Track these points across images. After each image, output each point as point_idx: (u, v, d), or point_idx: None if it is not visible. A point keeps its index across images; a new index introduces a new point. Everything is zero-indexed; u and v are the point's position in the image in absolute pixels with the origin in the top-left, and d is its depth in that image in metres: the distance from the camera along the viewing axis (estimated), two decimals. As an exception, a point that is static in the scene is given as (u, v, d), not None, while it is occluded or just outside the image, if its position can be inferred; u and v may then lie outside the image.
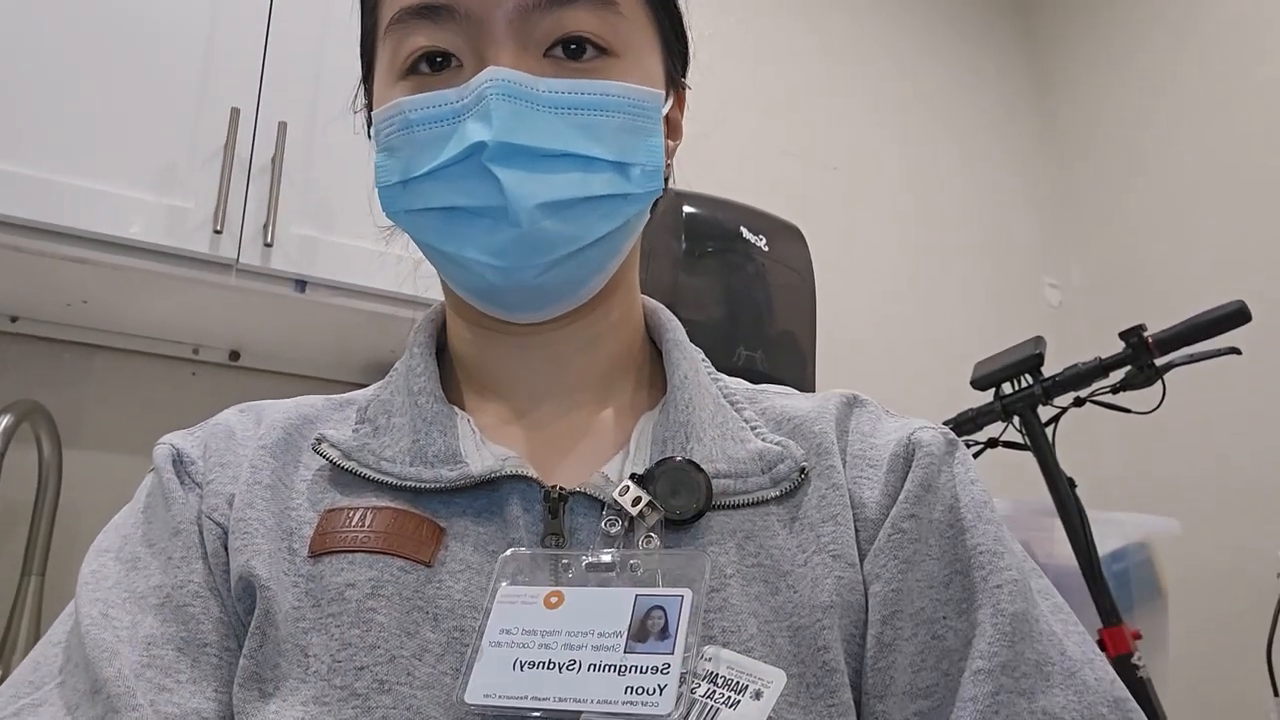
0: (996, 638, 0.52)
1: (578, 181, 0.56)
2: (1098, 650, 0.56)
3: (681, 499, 0.55)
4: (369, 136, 0.65)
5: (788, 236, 1.68)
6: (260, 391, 1.72)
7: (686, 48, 0.68)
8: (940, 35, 2.84)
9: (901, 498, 0.58)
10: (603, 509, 0.55)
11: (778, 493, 0.58)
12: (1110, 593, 1.51)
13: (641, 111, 0.59)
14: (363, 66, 0.67)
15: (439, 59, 0.58)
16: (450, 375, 0.67)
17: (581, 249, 0.57)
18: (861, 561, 0.57)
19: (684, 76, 0.68)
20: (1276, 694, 1.65)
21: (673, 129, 0.66)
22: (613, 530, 0.54)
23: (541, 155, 0.55)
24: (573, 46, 0.58)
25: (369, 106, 0.66)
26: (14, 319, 1.55)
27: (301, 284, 1.42)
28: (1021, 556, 0.58)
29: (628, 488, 0.55)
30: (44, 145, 1.28)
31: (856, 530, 0.58)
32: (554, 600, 0.51)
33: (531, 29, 0.57)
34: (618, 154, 0.57)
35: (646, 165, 0.59)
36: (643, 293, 0.71)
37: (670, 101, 0.64)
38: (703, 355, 0.68)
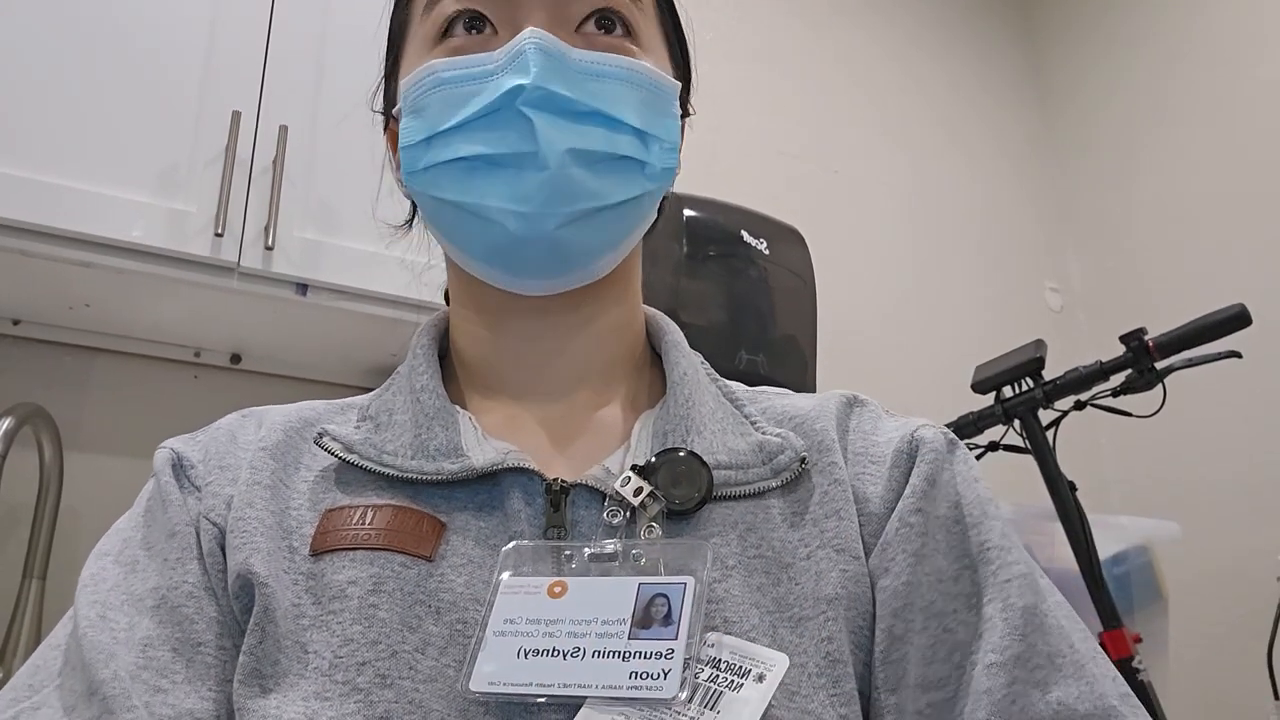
0: (1008, 631, 0.53)
1: (604, 138, 0.58)
2: (1099, 648, 0.57)
3: (683, 489, 0.56)
4: (385, 131, 0.67)
5: (789, 240, 1.68)
6: (262, 394, 1.73)
7: (689, 76, 0.70)
8: (940, 37, 2.85)
9: (908, 492, 0.58)
10: (604, 501, 0.56)
11: (779, 483, 0.59)
12: (1111, 596, 1.51)
13: (663, 92, 0.62)
14: (388, 62, 0.69)
15: (471, 23, 0.61)
16: (453, 379, 0.68)
17: (600, 209, 0.59)
18: (867, 556, 0.57)
19: (687, 102, 0.70)
20: (1277, 698, 1.65)
21: None
22: (614, 521, 0.55)
23: (572, 109, 0.57)
24: (603, 22, 0.61)
25: (387, 106, 0.68)
26: (16, 322, 1.55)
27: (303, 287, 1.43)
28: (1026, 553, 0.58)
29: (629, 478, 0.56)
30: (45, 149, 1.28)
31: (860, 525, 0.58)
32: (557, 590, 0.52)
33: (566, 4, 0.60)
34: (641, 123, 0.60)
35: (665, 141, 0.62)
36: (644, 296, 0.72)
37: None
38: (702, 358, 0.69)
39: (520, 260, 0.60)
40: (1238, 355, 1.53)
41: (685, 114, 0.70)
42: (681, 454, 0.57)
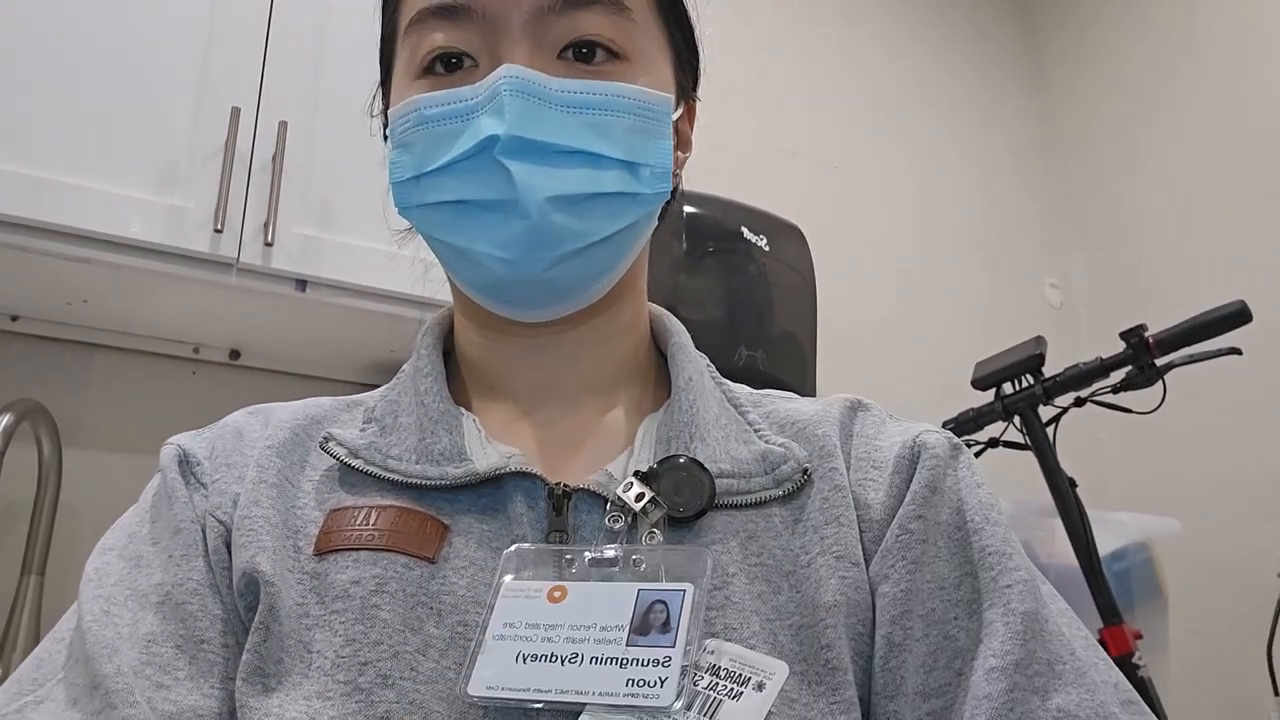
0: (1009, 636, 0.52)
1: (587, 178, 0.57)
2: (1104, 654, 0.56)
3: (684, 496, 0.56)
4: (385, 139, 0.66)
5: (788, 236, 1.68)
6: (261, 391, 1.72)
7: (697, 60, 0.69)
8: (940, 33, 2.84)
9: (908, 499, 0.58)
10: (606, 506, 0.56)
11: (781, 493, 0.58)
12: (1111, 592, 1.51)
13: (651, 114, 0.60)
14: (381, 70, 0.68)
15: (454, 60, 0.59)
16: (457, 378, 0.68)
17: (589, 246, 0.58)
18: (867, 562, 0.57)
19: (694, 89, 0.69)
20: (1277, 694, 1.65)
21: (682, 141, 0.67)
22: (616, 526, 0.55)
23: (552, 151, 0.56)
24: (584, 50, 0.59)
25: (385, 109, 0.67)
26: (14, 318, 1.55)
27: (302, 283, 1.42)
28: (1028, 559, 0.58)
29: (631, 484, 0.55)
30: (44, 145, 1.28)
31: (861, 532, 0.58)
32: (557, 594, 0.51)
33: (546, 31, 0.58)
34: (627, 154, 0.58)
35: (655, 167, 0.60)
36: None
37: (680, 111, 0.65)
38: (707, 361, 0.69)
39: (512, 297, 0.60)
40: (1238, 352, 1.53)
41: (691, 102, 0.68)
42: (684, 461, 0.57)
